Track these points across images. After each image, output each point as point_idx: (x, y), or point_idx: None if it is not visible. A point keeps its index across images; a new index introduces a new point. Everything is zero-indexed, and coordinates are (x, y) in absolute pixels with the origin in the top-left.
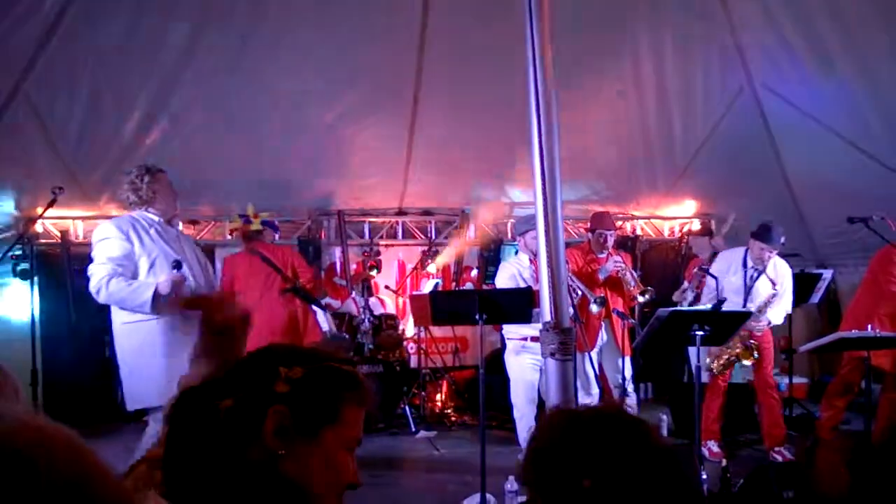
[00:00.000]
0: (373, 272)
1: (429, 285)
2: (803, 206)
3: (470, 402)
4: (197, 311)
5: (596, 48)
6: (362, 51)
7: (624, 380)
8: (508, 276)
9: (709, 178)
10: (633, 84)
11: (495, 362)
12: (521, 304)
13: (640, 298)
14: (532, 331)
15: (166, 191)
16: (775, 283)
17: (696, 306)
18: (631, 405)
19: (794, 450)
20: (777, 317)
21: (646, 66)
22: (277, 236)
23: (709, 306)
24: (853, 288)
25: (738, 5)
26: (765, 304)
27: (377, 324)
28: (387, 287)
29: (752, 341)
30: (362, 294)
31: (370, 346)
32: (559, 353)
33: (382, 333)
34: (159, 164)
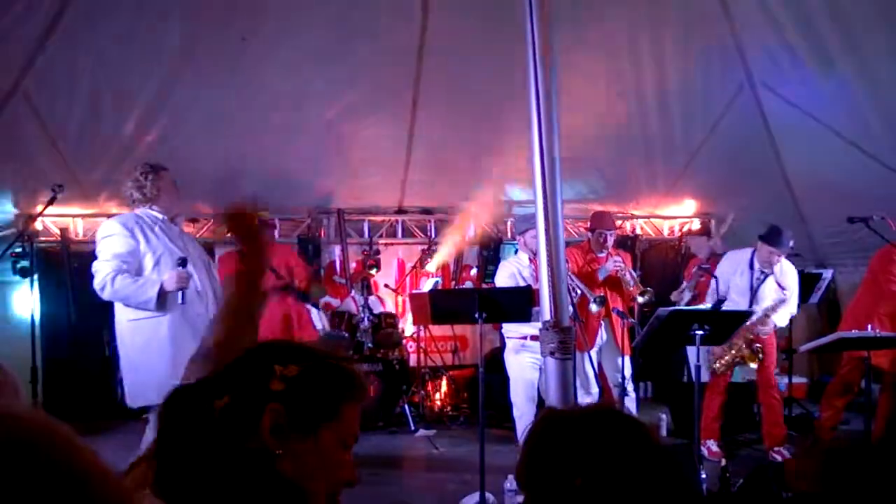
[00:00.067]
0: (372, 271)
1: (428, 284)
2: (803, 205)
3: (469, 400)
4: (200, 310)
5: (596, 48)
6: (362, 50)
7: (623, 379)
8: (508, 274)
9: (709, 178)
10: (633, 83)
11: (495, 361)
12: (521, 302)
13: (639, 299)
14: (532, 330)
15: (170, 189)
16: (784, 289)
17: (693, 306)
18: (630, 404)
19: (794, 450)
20: (782, 320)
21: (646, 66)
22: (277, 234)
23: (708, 306)
24: (853, 288)
25: (737, 5)
26: (772, 309)
27: (377, 322)
28: (386, 286)
29: (758, 345)
30: (362, 293)
31: (370, 345)
32: (559, 351)
33: (382, 332)
34: (159, 162)
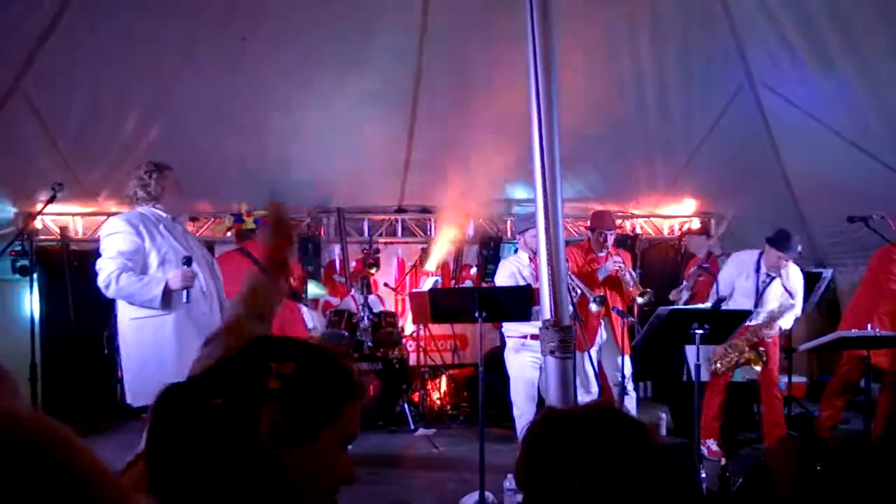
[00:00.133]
0: (371, 270)
1: (428, 283)
2: (803, 205)
3: (469, 399)
4: (205, 309)
5: (596, 47)
6: (362, 49)
7: (623, 378)
8: (508, 274)
9: (708, 177)
10: (634, 82)
11: (494, 360)
12: (521, 301)
13: (639, 300)
14: (532, 329)
15: (174, 188)
16: (791, 293)
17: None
18: (630, 404)
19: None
20: (787, 323)
21: (646, 65)
22: None
23: (708, 305)
24: (853, 287)
25: (738, 4)
26: (779, 314)
27: (376, 321)
28: (386, 284)
29: (762, 348)
30: (361, 291)
31: (369, 344)
32: (559, 350)
33: (381, 331)
34: (162, 160)
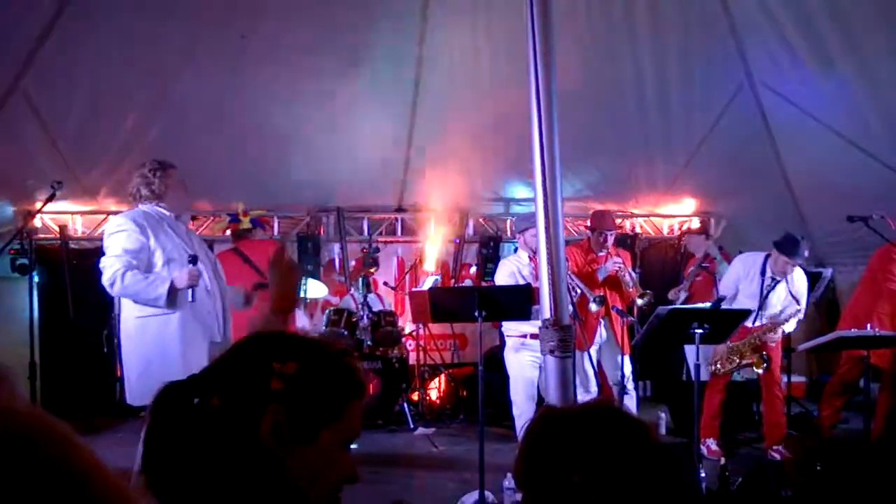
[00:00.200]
0: (371, 269)
1: (428, 282)
2: (803, 204)
3: (468, 399)
4: (209, 308)
5: (596, 47)
6: (362, 48)
7: (623, 377)
8: (508, 273)
9: (708, 177)
10: (634, 82)
11: (494, 359)
12: (521, 301)
13: (639, 301)
14: (531, 328)
15: (177, 186)
16: (795, 297)
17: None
18: (630, 403)
19: (793, 448)
20: (791, 327)
21: (646, 64)
22: (276, 231)
23: (708, 304)
24: (852, 287)
25: (738, 4)
26: (784, 320)
27: (376, 320)
28: (385, 283)
29: (765, 353)
30: (361, 291)
31: (369, 343)
32: (558, 350)
33: (381, 330)
34: (166, 159)
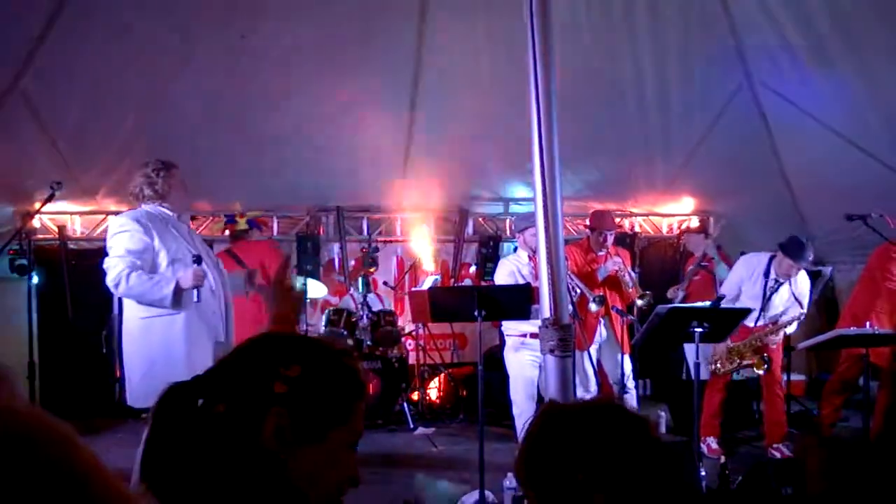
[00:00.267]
0: (371, 268)
1: (427, 282)
2: (802, 203)
3: (468, 398)
4: (214, 308)
5: (595, 46)
6: (361, 47)
7: (623, 376)
8: (507, 272)
9: (707, 176)
10: (633, 82)
11: (494, 359)
12: (520, 300)
13: (639, 302)
14: (531, 327)
15: (179, 186)
16: (800, 301)
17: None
18: (630, 402)
19: (793, 447)
20: (792, 328)
21: (645, 64)
22: (275, 231)
23: (707, 303)
24: (851, 285)
25: (737, 4)
26: (787, 323)
27: (375, 320)
28: (385, 283)
29: (766, 354)
30: (361, 290)
31: (368, 343)
32: (558, 349)
33: (381, 330)
34: (169, 159)
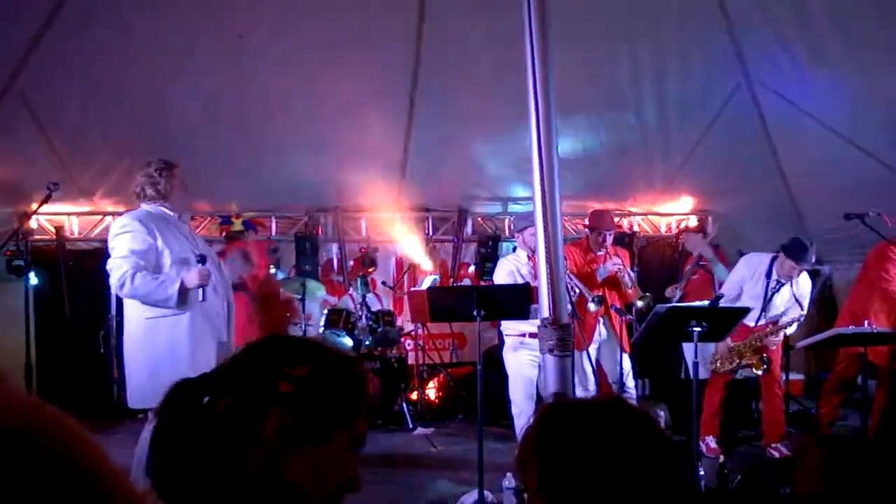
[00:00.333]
0: (369, 268)
1: (426, 281)
2: (800, 202)
3: (467, 398)
4: (218, 308)
5: (594, 45)
6: (360, 47)
7: (622, 375)
8: (506, 272)
9: (706, 175)
10: (631, 81)
11: (493, 358)
12: (519, 300)
13: (639, 304)
14: (530, 327)
15: (180, 187)
16: (801, 302)
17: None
18: (630, 401)
19: (791, 446)
20: (792, 329)
21: (643, 64)
22: (274, 231)
23: (706, 303)
24: (849, 284)
25: (736, 3)
26: (787, 324)
27: (374, 320)
28: (384, 283)
29: (765, 355)
30: (360, 290)
31: (367, 343)
32: (557, 349)
33: (380, 330)
34: (171, 159)
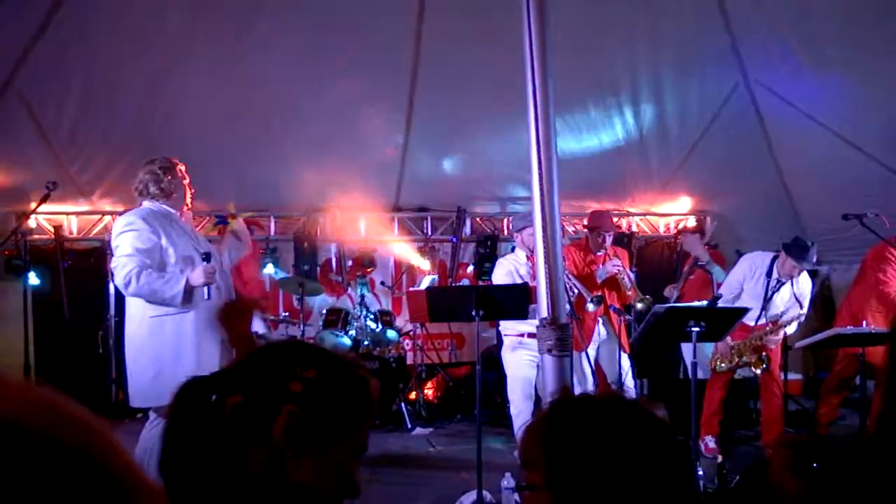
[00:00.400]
0: (368, 268)
1: (425, 281)
2: (798, 202)
3: (466, 398)
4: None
5: (593, 44)
6: (359, 46)
7: (621, 375)
8: (505, 272)
9: (704, 176)
10: (629, 80)
11: (491, 358)
12: (518, 300)
13: (639, 306)
14: (529, 327)
15: (182, 185)
16: (801, 302)
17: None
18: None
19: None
20: (792, 329)
21: (642, 63)
22: (272, 231)
23: (704, 303)
24: (848, 284)
25: (734, 3)
26: (787, 323)
27: (373, 320)
28: (382, 283)
29: (765, 353)
30: (358, 290)
31: (366, 343)
32: (556, 349)
33: (377, 330)
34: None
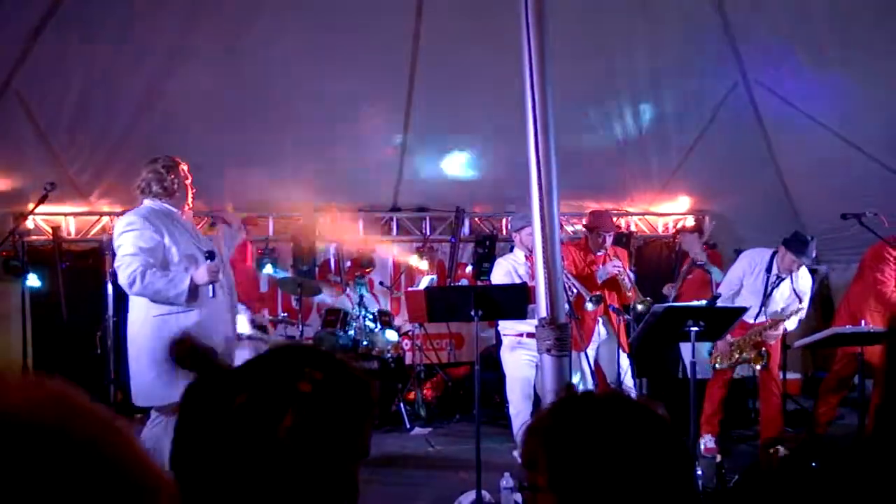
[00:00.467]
0: (367, 268)
1: (424, 281)
2: (797, 202)
3: (465, 398)
4: (226, 304)
5: (591, 44)
6: (358, 45)
7: (620, 374)
8: (504, 272)
9: (703, 175)
10: (628, 80)
11: (490, 358)
12: (517, 300)
13: (639, 307)
14: (528, 327)
15: (184, 183)
16: (799, 295)
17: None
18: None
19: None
20: (792, 325)
21: (640, 63)
22: (271, 231)
23: (703, 302)
24: (846, 284)
25: (733, 3)
26: (786, 317)
27: (372, 320)
28: (381, 283)
29: (764, 349)
30: (357, 290)
31: (365, 343)
32: (555, 349)
33: (376, 331)
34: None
